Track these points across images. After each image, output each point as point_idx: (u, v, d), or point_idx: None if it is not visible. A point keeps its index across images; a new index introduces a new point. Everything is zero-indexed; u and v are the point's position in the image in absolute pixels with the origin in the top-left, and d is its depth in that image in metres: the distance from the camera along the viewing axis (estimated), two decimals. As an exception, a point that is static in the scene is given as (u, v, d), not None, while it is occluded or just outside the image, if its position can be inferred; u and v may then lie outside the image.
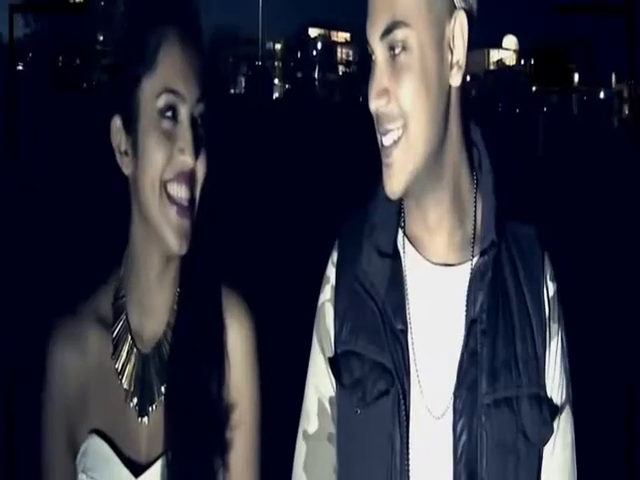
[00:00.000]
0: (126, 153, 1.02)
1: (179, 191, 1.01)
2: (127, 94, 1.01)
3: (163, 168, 1.00)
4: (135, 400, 1.06)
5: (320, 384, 1.05)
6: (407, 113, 0.93)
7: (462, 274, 0.98)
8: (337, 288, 1.03)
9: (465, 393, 0.95)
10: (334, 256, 1.06)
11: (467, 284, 0.97)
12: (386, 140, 0.95)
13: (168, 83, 1.01)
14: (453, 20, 0.94)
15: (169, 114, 1.01)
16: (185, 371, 1.04)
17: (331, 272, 1.06)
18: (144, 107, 1.00)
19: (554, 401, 1.00)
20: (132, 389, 1.06)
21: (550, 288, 1.02)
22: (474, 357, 0.95)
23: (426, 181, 0.96)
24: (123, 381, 1.07)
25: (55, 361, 1.10)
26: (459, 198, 0.99)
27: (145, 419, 1.06)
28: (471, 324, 0.96)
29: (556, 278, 1.03)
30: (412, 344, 0.97)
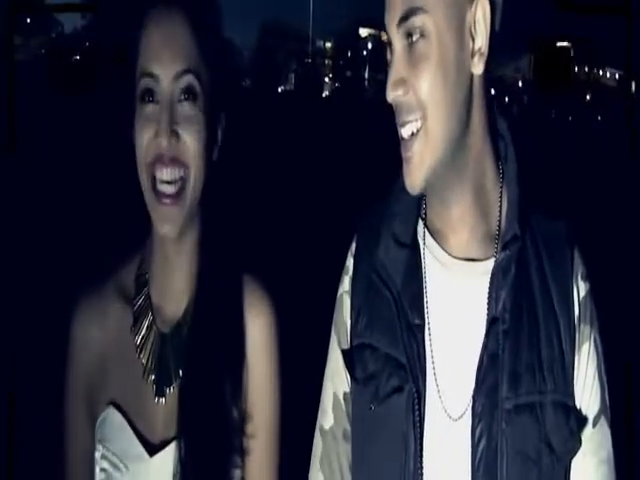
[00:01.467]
0: None
1: (161, 174, 1.07)
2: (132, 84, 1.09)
3: (145, 152, 1.07)
4: (152, 377, 1.16)
5: (336, 378, 1.12)
6: (426, 104, 0.95)
7: (485, 270, 1.02)
8: (354, 279, 1.10)
9: (484, 396, 0.97)
10: (353, 247, 1.13)
11: (489, 280, 0.98)
12: (405, 132, 0.98)
13: (143, 66, 1.08)
14: (474, 5, 0.96)
15: (148, 98, 1.08)
16: (202, 358, 1.12)
17: (350, 263, 1.13)
18: (137, 94, 1.09)
19: (584, 411, 1.00)
20: (150, 365, 1.16)
21: (581, 288, 1.03)
22: (495, 358, 0.97)
23: (448, 174, 0.99)
24: (141, 356, 1.18)
25: (77, 332, 1.20)
26: (483, 191, 1.02)
27: (162, 400, 1.15)
28: (492, 323, 0.98)
29: (589, 277, 1.04)
30: (429, 340, 1.01)
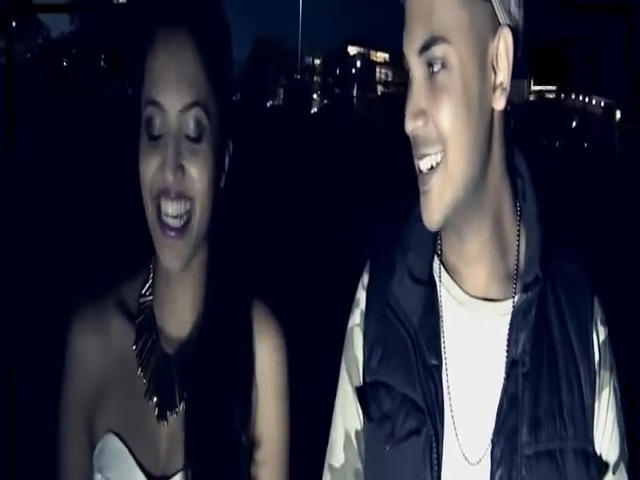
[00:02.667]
0: None
1: (166, 208, 0.98)
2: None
3: (151, 183, 0.98)
4: (155, 399, 1.05)
5: (347, 415, 1.02)
6: (446, 137, 0.88)
7: (503, 311, 0.94)
8: (367, 313, 1.00)
9: (504, 441, 0.90)
10: (364, 279, 1.03)
11: (509, 322, 0.93)
12: (423, 165, 0.91)
13: (149, 94, 0.98)
14: (497, 38, 0.89)
15: (152, 127, 0.98)
16: (209, 382, 1.02)
17: (361, 295, 1.03)
18: (142, 120, 1.00)
19: (604, 458, 0.94)
20: (152, 387, 1.05)
21: (600, 333, 0.96)
22: (514, 402, 0.91)
23: (466, 210, 0.92)
24: (143, 375, 1.06)
25: (75, 347, 1.09)
26: (501, 228, 0.95)
27: (164, 423, 1.05)
28: (512, 366, 0.91)
29: (607, 322, 0.98)
30: (446, 381, 0.93)
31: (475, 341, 0.94)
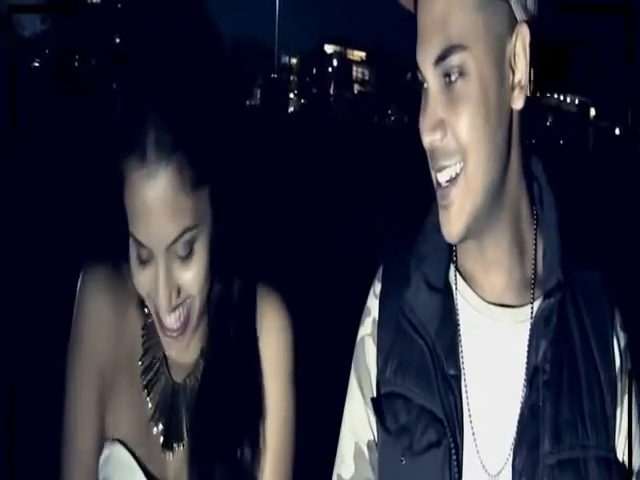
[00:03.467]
0: None
1: (164, 318, 0.91)
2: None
3: (147, 293, 0.91)
4: (160, 427, 0.99)
5: (358, 426, 0.97)
6: (466, 147, 0.84)
7: (521, 317, 0.91)
8: (380, 322, 0.96)
9: (526, 451, 0.88)
10: (377, 287, 0.99)
11: (528, 329, 0.90)
12: (442, 177, 0.87)
13: (131, 229, 0.87)
14: (515, 36, 0.85)
15: (139, 254, 0.89)
16: (217, 420, 0.96)
17: (373, 304, 0.98)
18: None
19: (626, 466, 0.91)
20: (158, 414, 0.99)
21: (621, 339, 0.93)
22: (535, 411, 0.88)
23: (485, 218, 0.88)
24: (148, 398, 0.99)
25: (89, 304, 0.98)
26: (519, 234, 0.92)
27: (170, 454, 0.98)
28: (533, 374, 0.88)
29: (626, 327, 0.94)
30: (465, 391, 0.90)
31: (493, 349, 0.90)
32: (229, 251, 0.95)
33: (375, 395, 0.96)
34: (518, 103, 0.88)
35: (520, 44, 0.87)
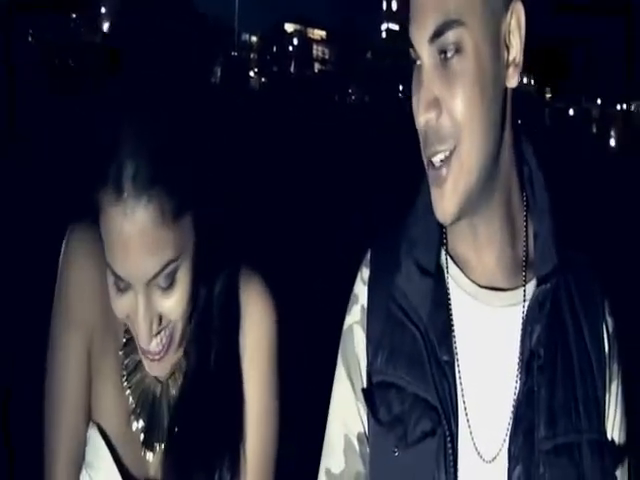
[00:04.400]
0: None
1: (144, 345, 0.87)
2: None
3: (124, 318, 0.86)
4: (141, 423, 0.93)
5: (347, 418, 0.94)
6: (461, 126, 0.82)
7: (513, 300, 0.90)
8: (370, 309, 0.93)
9: (522, 437, 0.86)
10: (364, 273, 0.95)
11: (520, 312, 0.88)
12: (436, 158, 0.84)
13: (108, 259, 0.81)
14: (510, 13, 0.84)
15: (118, 282, 0.83)
16: (197, 427, 0.92)
17: (361, 291, 0.95)
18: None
19: (617, 448, 0.91)
20: (139, 410, 0.93)
21: (609, 324, 0.92)
22: (531, 396, 0.86)
23: (478, 198, 0.86)
24: (129, 389, 0.93)
25: (77, 262, 0.92)
26: (510, 215, 0.90)
27: (150, 454, 0.94)
28: (528, 358, 0.87)
29: (613, 313, 0.93)
30: (459, 377, 0.88)
31: (485, 333, 0.88)
32: (213, 253, 0.90)
33: (366, 385, 0.92)
34: (512, 81, 0.86)
35: (515, 21, 0.85)
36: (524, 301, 0.89)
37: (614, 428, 0.91)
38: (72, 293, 0.92)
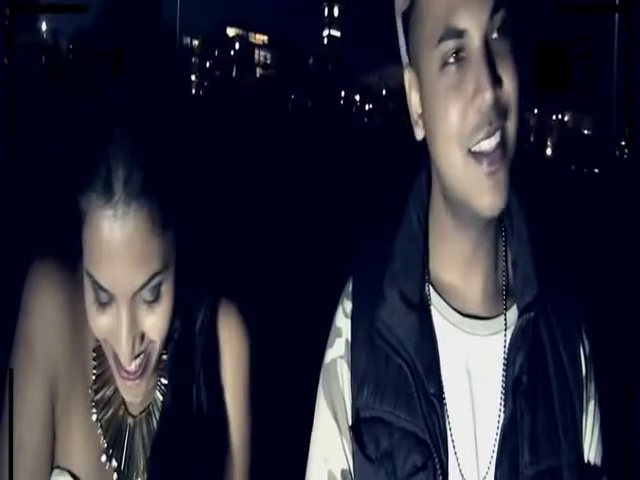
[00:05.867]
0: None
1: (125, 362, 0.81)
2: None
3: (104, 338, 0.81)
4: (114, 463, 0.88)
5: (330, 454, 0.91)
6: (511, 107, 0.80)
7: (495, 329, 0.88)
8: (353, 343, 0.90)
9: (507, 462, 0.85)
10: (347, 306, 0.92)
11: (502, 339, 0.87)
12: (489, 143, 0.80)
13: (92, 270, 0.76)
14: None
15: (100, 297, 0.78)
16: (176, 456, 0.87)
17: (344, 324, 0.92)
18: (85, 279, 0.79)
19: (595, 469, 0.90)
20: (112, 450, 0.87)
21: (586, 345, 0.91)
22: (514, 422, 0.86)
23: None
24: (101, 432, 0.87)
25: (40, 299, 0.85)
26: (494, 240, 0.89)
27: None
28: (512, 386, 0.86)
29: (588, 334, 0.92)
30: (446, 409, 0.86)
31: (469, 362, 0.87)
32: (191, 280, 0.86)
33: (352, 422, 0.88)
34: None
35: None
36: (505, 329, 0.88)
37: (591, 448, 0.91)
38: (35, 334, 0.86)
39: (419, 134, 0.87)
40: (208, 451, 0.89)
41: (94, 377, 0.88)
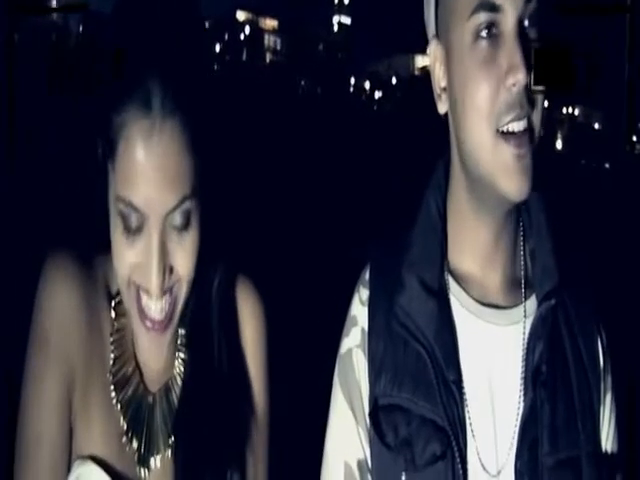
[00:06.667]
0: None
1: (148, 305, 0.82)
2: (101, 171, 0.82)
3: (130, 271, 0.81)
4: (135, 444, 0.88)
5: (347, 445, 0.91)
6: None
7: (515, 318, 0.88)
8: (370, 331, 0.90)
9: (527, 453, 0.85)
10: (363, 294, 0.91)
11: (521, 330, 0.88)
12: (517, 126, 0.79)
13: (124, 193, 0.78)
14: None
15: (130, 225, 0.79)
16: (198, 431, 0.88)
17: (360, 312, 0.91)
18: (111, 200, 0.80)
19: (613, 458, 0.91)
20: (131, 430, 0.88)
21: (604, 338, 0.92)
22: (534, 411, 0.86)
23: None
24: (121, 412, 0.88)
25: (55, 293, 0.86)
26: (513, 233, 0.90)
27: (145, 471, 0.88)
28: (532, 376, 0.86)
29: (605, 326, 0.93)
30: (465, 397, 0.86)
31: (489, 351, 0.88)
32: (210, 245, 0.86)
33: (370, 410, 0.88)
34: None
35: None
36: (524, 318, 0.88)
37: (608, 438, 0.91)
38: (51, 326, 0.86)
39: (442, 108, 0.86)
40: (231, 423, 0.89)
41: (112, 360, 0.88)
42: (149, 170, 0.76)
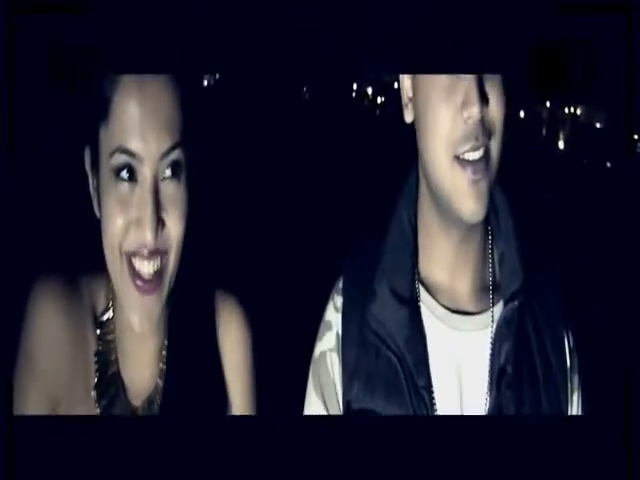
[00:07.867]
0: (94, 196, 0.86)
1: (141, 266, 0.84)
2: (90, 139, 0.85)
3: (121, 238, 0.84)
4: None
5: None
6: (496, 130, 0.83)
7: (483, 324, 0.90)
8: (344, 336, 0.92)
9: None
10: (337, 301, 0.94)
11: (489, 334, 0.89)
12: (472, 155, 0.82)
13: (119, 140, 0.82)
14: None
15: (124, 175, 0.83)
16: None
17: (334, 318, 0.94)
18: (103, 161, 0.83)
19: None
20: None
21: (571, 338, 0.93)
22: (501, 412, 0.88)
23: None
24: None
25: (43, 316, 0.90)
26: (482, 238, 0.92)
27: None
28: (497, 376, 0.88)
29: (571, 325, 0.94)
30: (434, 403, 0.88)
31: (457, 357, 0.89)
32: (192, 254, 0.89)
33: (343, 413, 0.91)
34: None
35: None
36: (492, 323, 0.90)
37: None
38: (35, 344, 0.90)
39: (408, 118, 0.88)
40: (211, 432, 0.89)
41: (96, 377, 0.91)
42: (144, 114, 0.81)
